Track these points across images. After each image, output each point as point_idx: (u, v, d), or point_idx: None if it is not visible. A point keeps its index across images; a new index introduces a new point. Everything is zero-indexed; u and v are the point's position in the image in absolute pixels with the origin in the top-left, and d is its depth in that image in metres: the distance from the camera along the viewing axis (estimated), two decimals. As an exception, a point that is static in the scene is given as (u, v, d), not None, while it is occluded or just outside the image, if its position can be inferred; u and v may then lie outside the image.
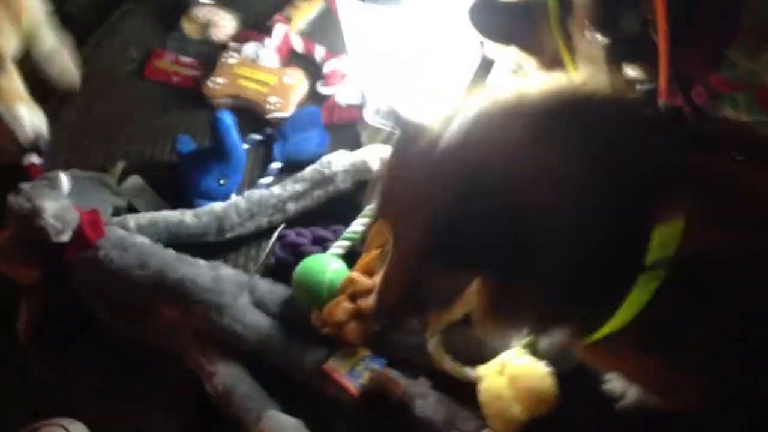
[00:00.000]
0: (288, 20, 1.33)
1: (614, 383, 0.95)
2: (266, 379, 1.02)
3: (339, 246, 1.07)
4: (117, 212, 1.16)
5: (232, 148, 1.17)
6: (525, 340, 0.96)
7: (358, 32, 1.06)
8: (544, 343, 0.95)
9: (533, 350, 0.95)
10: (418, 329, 1.01)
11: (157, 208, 1.15)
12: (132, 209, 1.18)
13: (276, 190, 1.14)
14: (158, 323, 1.07)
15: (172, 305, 1.04)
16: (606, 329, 0.70)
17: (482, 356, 0.97)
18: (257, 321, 1.03)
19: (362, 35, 1.06)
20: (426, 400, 0.97)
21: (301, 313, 1.03)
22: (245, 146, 1.22)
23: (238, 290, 1.04)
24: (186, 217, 1.11)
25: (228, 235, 1.13)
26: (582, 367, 0.95)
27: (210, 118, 1.19)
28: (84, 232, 1.06)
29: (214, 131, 1.16)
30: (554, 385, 0.92)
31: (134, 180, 1.20)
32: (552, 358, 0.94)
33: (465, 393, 0.96)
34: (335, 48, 1.29)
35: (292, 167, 1.18)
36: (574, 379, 0.95)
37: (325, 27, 1.33)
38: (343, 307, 1.00)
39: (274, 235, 1.11)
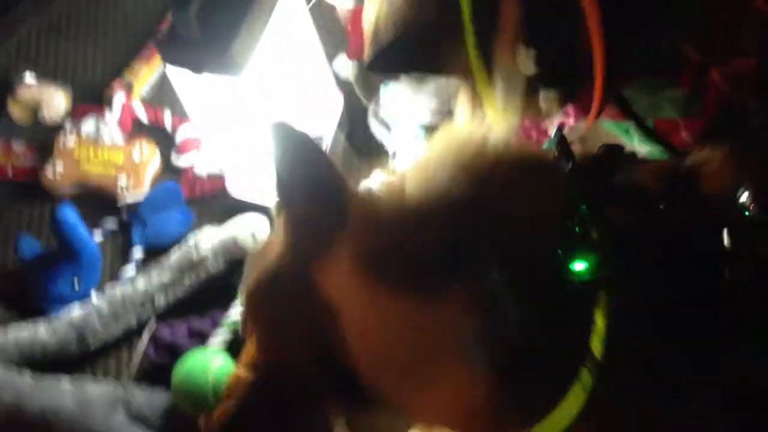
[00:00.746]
0: (128, 88, 1.21)
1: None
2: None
3: (220, 336, 0.97)
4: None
5: (82, 246, 1.04)
6: None
7: (196, 102, 0.96)
8: None
9: None
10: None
11: (4, 323, 1.01)
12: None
13: (140, 284, 1.03)
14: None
15: (43, 424, 0.91)
16: None
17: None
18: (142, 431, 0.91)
19: (201, 105, 0.96)
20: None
21: (188, 422, 0.92)
22: (98, 239, 1.10)
23: (110, 408, 0.92)
24: (39, 332, 0.98)
25: (92, 345, 1.00)
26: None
27: (54, 215, 1.06)
28: None
29: (57, 230, 1.04)
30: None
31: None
32: None
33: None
34: (184, 112, 1.19)
35: (156, 253, 1.07)
36: None
37: (171, 90, 1.22)
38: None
39: (145, 336, 1.00)
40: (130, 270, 1.08)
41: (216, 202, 1.12)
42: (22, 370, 0.95)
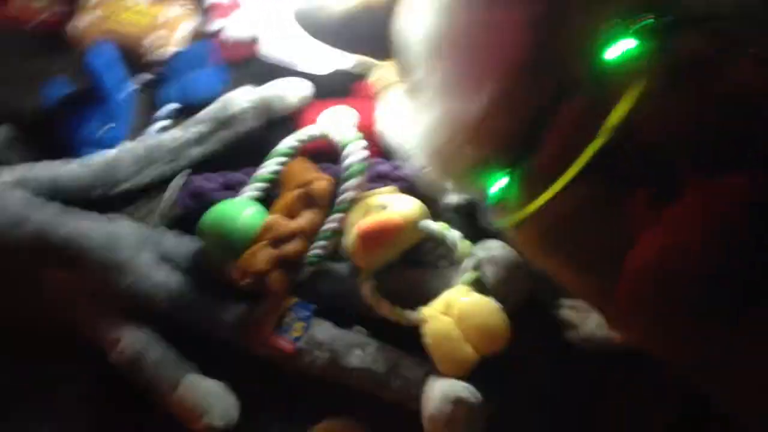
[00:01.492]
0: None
1: (569, 311, 0.89)
2: (181, 343, 0.90)
3: (253, 189, 0.95)
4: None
5: (114, 87, 1.02)
6: (468, 276, 0.88)
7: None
8: (489, 278, 0.88)
9: (479, 286, 0.88)
10: (349, 276, 0.92)
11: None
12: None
13: (176, 133, 1.00)
14: (44, 293, 0.92)
15: (61, 268, 0.89)
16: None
17: (423, 298, 0.89)
18: (165, 278, 0.89)
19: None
20: (365, 350, 0.88)
21: (215, 267, 0.91)
22: (133, 87, 1.07)
23: (139, 245, 0.90)
24: (72, 165, 0.96)
25: (123, 186, 0.98)
26: (534, 299, 0.90)
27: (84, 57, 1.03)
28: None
29: (89, 69, 1.00)
30: (506, 321, 0.85)
31: (2, 131, 1.03)
32: (500, 291, 0.87)
33: (407, 340, 0.87)
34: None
35: (190, 110, 1.04)
36: (525, 313, 0.88)
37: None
38: (263, 254, 0.89)
39: (178, 182, 0.98)
40: (162, 123, 1.05)
41: (250, 67, 1.10)
42: (48, 203, 0.92)
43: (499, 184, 0.66)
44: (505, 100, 0.60)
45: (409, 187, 0.95)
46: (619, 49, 0.57)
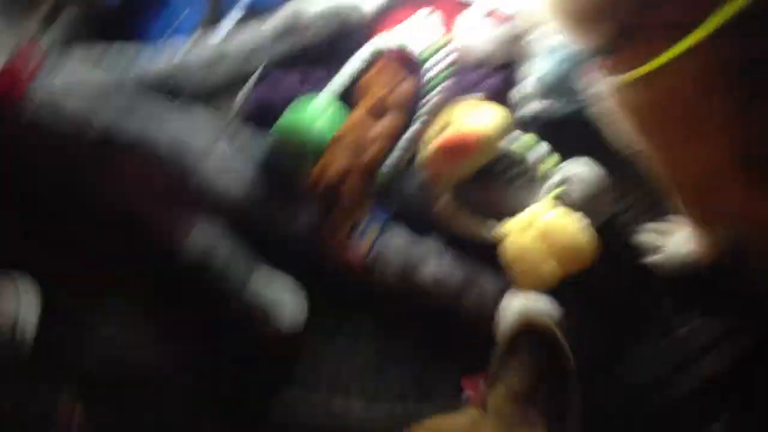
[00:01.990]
0: None
1: (650, 234, 0.86)
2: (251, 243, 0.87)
3: (336, 84, 0.91)
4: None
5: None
6: (554, 191, 0.85)
7: None
8: (574, 194, 0.84)
9: (564, 202, 0.84)
10: (419, 190, 0.88)
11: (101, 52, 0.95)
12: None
13: (248, 32, 0.95)
14: (114, 183, 0.89)
15: (134, 155, 0.87)
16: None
17: (504, 213, 0.85)
18: (241, 170, 0.86)
19: None
20: (440, 259, 0.85)
21: (292, 169, 0.87)
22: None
23: (215, 135, 0.87)
24: (147, 53, 0.91)
25: (196, 83, 0.92)
26: (616, 219, 0.87)
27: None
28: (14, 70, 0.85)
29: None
30: (592, 240, 0.81)
31: (69, 13, 0.98)
32: (585, 209, 0.84)
33: (486, 256, 0.84)
34: None
35: (260, 12, 0.99)
36: (608, 233, 0.85)
37: None
38: (341, 160, 0.85)
39: (255, 74, 0.94)
40: (234, 18, 1.00)
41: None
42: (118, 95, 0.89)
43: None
44: None
45: (495, 95, 0.91)
46: None
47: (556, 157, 0.87)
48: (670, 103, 0.65)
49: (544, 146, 0.87)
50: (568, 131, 0.90)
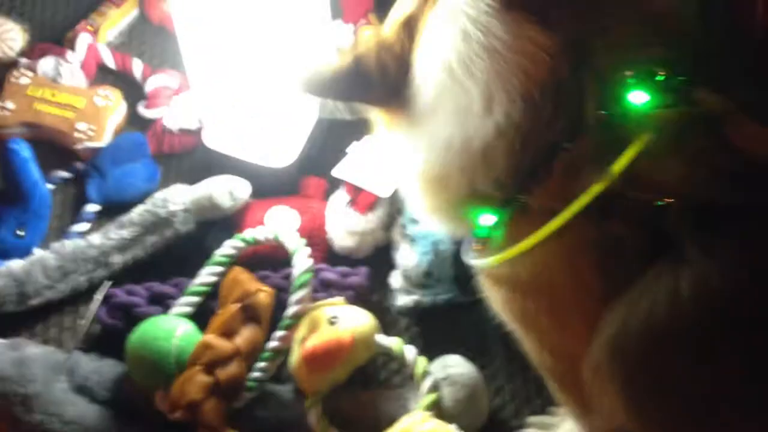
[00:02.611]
0: (94, 30, 1.09)
1: (533, 429, 0.81)
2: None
3: (185, 303, 0.85)
4: None
5: (32, 188, 0.92)
6: (426, 400, 0.79)
7: (192, 29, 0.85)
8: (448, 400, 0.79)
9: (438, 411, 0.79)
10: (294, 400, 0.82)
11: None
12: None
13: (96, 239, 0.90)
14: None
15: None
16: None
17: (378, 425, 0.79)
18: (80, 413, 0.79)
19: (198, 33, 0.86)
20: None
21: (141, 396, 0.80)
22: (49, 186, 0.97)
23: (51, 374, 0.79)
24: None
25: (33, 302, 0.87)
26: (496, 420, 0.82)
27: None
28: None
29: (5, 168, 0.90)
30: (471, 455, 0.76)
31: None
32: (461, 414, 0.79)
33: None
34: (155, 62, 1.07)
35: (114, 210, 0.94)
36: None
37: (141, 38, 1.11)
38: (197, 381, 0.78)
39: (98, 296, 0.87)
40: (82, 226, 0.95)
41: (186, 161, 1.01)
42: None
43: (488, 219, 0.63)
44: (519, 127, 0.58)
45: (358, 296, 0.87)
46: (633, 98, 0.57)
47: (424, 360, 0.82)
48: (536, 286, 0.64)
49: (412, 349, 0.83)
50: (441, 321, 0.87)
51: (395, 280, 0.89)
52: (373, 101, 0.67)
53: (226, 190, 0.91)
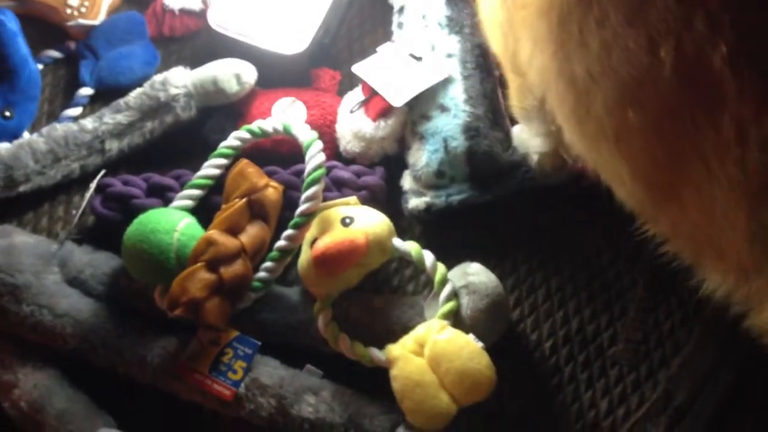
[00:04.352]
0: None
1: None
2: (94, 388, 0.73)
3: (186, 196, 0.79)
4: None
5: (20, 64, 0.84)
6: (445, 308, 0.74)
7: None
8: (468, 309, 0.74)
9: (456, 321, 0.74)
10: (302, 303, 0.77)
11: None
12: None
13: (89, 123, 0.83)
14: None
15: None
16: None
17: (391, 332, 0.75)
18: (73, 305, 0.73)
19: None
20: (318, 396, 0.73)
21: (138, 291, 0.74)
22: (39, 65, 0.89)
23: (42, 264, 0.73)
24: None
25: (22, 188, 0.81)
26: (514, 333, 0.77)
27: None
28: None
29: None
30: (490, 365, 0.71)
31: None
32: (479, 324, 0.74)
33: (373, 384, 0.73)
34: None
35: (109, 95, 0.87)
36: (509, 353, 0.75)
37: None
38: (199, 278, 0.73)
39: (92, 185, 0.80)
40: (74, 110, 0.87)
41: (188, 45, 0.93)
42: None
43: None
44: None
45: (373, 196, 0.80)
46: None
47: (443, 267, 0.77)
48: None
49: (430, 254, 0.77)
50: (457, 225, 0.81)
51: (405, 181, 0.83)
52: None
53: (232, 74, 0.83)
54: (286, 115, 0.84)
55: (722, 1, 0.49)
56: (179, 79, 0.83)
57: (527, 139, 0.77)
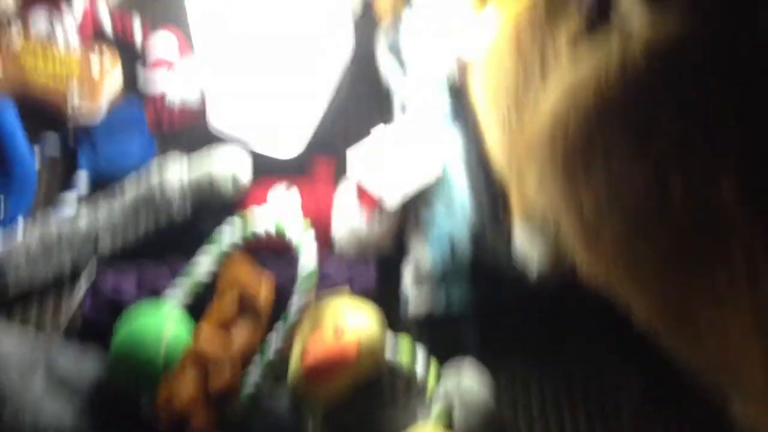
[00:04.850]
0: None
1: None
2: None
3: (178, 292, 0.77)
4: None
5: (18, 157, 0.84)
6: (436, 412, 0.73)
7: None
8: (460, 414, 0.73)
9: (448, 425, 0.73)
10: (292, 410, 0.75)
11: None
12: None
13: (83, 219, 0.83)
14: None
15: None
16: None
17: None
18: (57, 412, 0.71)
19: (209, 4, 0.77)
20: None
21: (126, 396, 0.73)
22: (36, 153, 0.89)
23: (28, 369, 0.72)
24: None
25: (12, 286, 0.80)
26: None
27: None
28: None
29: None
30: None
31: None
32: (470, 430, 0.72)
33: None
34: (158, 23, 0.99)
35: (106, 185, 0.87)
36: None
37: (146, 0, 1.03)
38: (187, 385, 0.71)
39: (82, 282, 0.80)
40: (70, 201, 0.87)
41: (186, 137, 0.93)
42: None
43: None
44: None
45: (365, 292, 0.79)
46: None
47: (435, 367, 0.75)
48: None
49: (422, 354, 0.76)
50: (455, 325, 0.80)
51: (406, 278, 0.81)
52: None
53: (229, 175, 0.83)
54: (281, 206, 0.84)
55: (729, 132, 0.49)
56: (175, 179, 0.83)
57: (529, 244, 0.77)
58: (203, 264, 0.79)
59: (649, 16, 0.50)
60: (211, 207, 0.84)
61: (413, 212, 0.83)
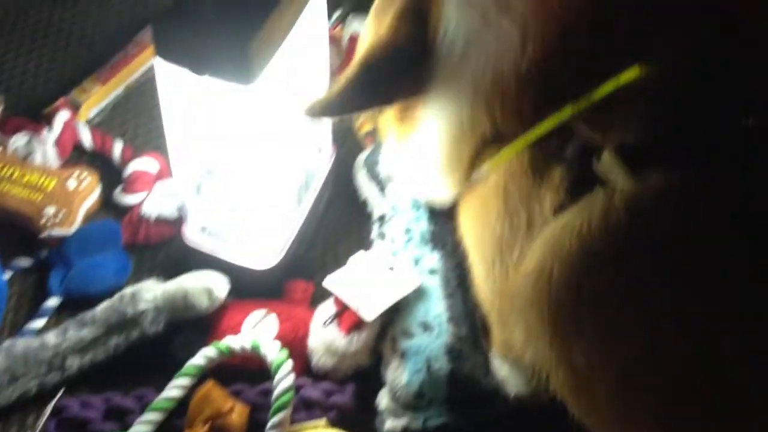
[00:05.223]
0: (74, 107, 1.02)
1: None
2: None
3: (146, 421, 0.75)
4: None
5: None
6: None
7: (178, 113, 0.78)
8: None
9: None
10: None
11: None
12: None
13: (52, 338, 0.80)
14: None
15: None
16: None
17: None
18: None
19: (185, 118, 0.78)
20: None
21: None
22: (6, 274, 0.88)
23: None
24: None
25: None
26: None
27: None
28: None
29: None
30: None
31: None
32: None
33: None
34: (138, 144, 1.00)
35: (77, 305, 0.85)
36: None
37: (125, 117, 1.05)
38: None
39: (48, 408, 0.77)
40: (38, 322, 0.85)
41: (162, 253, 0.92)
42: None
43: None
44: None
45: (342, 417, 0.77)
46: None
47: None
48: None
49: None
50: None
51: (383, 400, 0.80)
52: (386, 98, 0.66)
53: (203, 289, 0.82)
54: (257, 329, 0.83)
55: (725, 291, 0.49)
56: (149, 294, 0.82)
57: (508, 376, 0.75)
58: (173, 390, 0.77)
59: (630, 175, 0.51)
60: (186, 322, 0.82)
61: (390, 329, 0.82)
